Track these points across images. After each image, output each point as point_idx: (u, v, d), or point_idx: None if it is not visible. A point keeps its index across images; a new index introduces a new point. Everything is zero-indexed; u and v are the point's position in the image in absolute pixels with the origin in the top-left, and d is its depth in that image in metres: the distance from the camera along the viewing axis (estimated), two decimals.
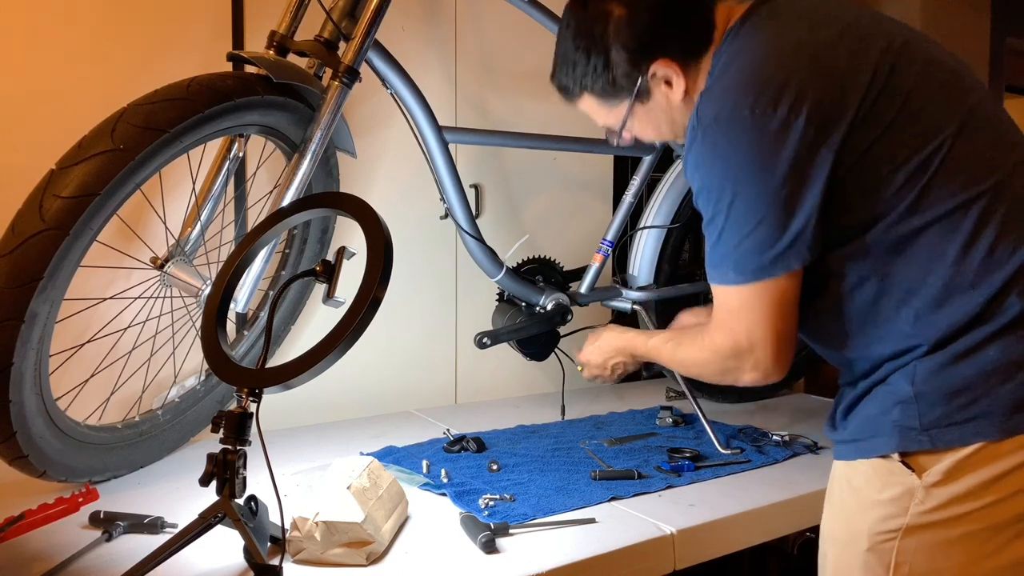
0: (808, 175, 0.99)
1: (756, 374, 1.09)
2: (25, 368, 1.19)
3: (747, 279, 1.04)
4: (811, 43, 1.04)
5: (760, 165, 1.00)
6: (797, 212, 1.00)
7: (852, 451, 1.07)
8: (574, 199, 2.32)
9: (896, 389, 1.02)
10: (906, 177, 0.99)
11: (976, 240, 0.98)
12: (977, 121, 1.03)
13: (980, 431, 0.96)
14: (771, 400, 2.24)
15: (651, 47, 1.11)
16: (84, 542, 1.19)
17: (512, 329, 1.81)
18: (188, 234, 1.49)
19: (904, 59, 1.04)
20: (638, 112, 1.19)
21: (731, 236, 1.03)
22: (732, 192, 1.02)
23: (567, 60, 1.18)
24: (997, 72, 2.92)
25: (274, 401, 1.38)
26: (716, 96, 1.04)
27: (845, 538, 1.06)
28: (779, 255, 1.01)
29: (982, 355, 0.97)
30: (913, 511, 0.99)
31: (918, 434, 0.99)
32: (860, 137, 1.00)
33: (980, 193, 0.99)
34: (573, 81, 1.18)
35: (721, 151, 1.02)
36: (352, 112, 1.84)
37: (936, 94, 1.03)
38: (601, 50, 1.13)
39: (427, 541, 1.24)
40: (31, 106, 1.54)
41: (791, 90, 0.99)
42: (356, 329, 1.11)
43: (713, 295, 1.11)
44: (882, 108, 1.00)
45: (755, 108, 1.00)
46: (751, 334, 1.06)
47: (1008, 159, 1.04)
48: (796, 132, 0.98)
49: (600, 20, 1.13)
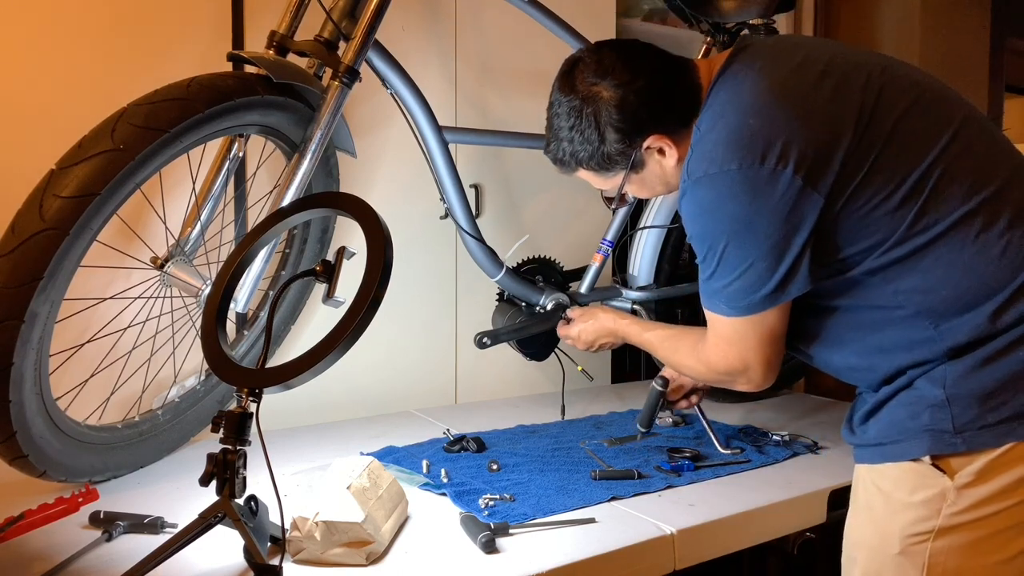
0: (797, 222, 1.02)
1: (749, 386, 1.19)
2: (25, 368, 1.19)
3: (738, 313, 1.10)
4: (794, 89, 1.06)
5: (749, 217, 1.03)
6: (785, 256, 1.03)
7: (877, 455, 1.08)
8: (574, 199, 2.32)
9: (924, 393, 1.03)
10: (902, 198, 1.01)
11: (986, 248, 1.00)
12: (969, 133, 1.05)
13: (1012, 431, 0.98)
14: (771, 400, 2.24)
15: (642, 126, 1.15)
16: (84, 542, 1.19)
17: (512, 329, 1.81)
18: (188, 234, 1.49)
19: (889, 86, 1.06)
20: (633, 179, 1.23)
21: (722, 277, 1.08)
22: (724, 242, 1.06)
23: (559, 138, 1.20)
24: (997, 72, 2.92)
25: (274, 401, 1.38)
26: (706, 153, 1.07)
27: (875, 542, 1.07)
28: (768, 295, 1.06)
29: (1012, 357, 0.99)
30: (945, 512, 1.00)
31: (951, 437, 1.00)
32: (849, 173, 1.02)
33: (982, 202, 1.01)
34: (568, 156, 1.21)
35: (711, 206, 1.06)
36: (352, 112, 1.84)
37: (925, 113, 1.05)
38: (594, 130, 1.16)
39: (427, 541, 1.24)
40: (31, 106, 1.54)
41: (778, 141, 1.01)
42: (356, 329, 1.11)
43: (707, 318, 1.16)
44: (871, 140, 1.02)
45: (743, 163, 1.02)
46: (744, 359, 1.14)
47: (1005, 166, 1.05)
48: (784, 182, 1.01)
49: (590, 102, 1.15)
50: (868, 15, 2.77)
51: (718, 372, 1.19)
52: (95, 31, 1.59)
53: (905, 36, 2.61)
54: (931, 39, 2.64)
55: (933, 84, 1.10)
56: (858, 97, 1.04)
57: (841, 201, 1.02)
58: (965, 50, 2.79)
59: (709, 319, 1.16)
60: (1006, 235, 1.00)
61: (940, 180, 1.01)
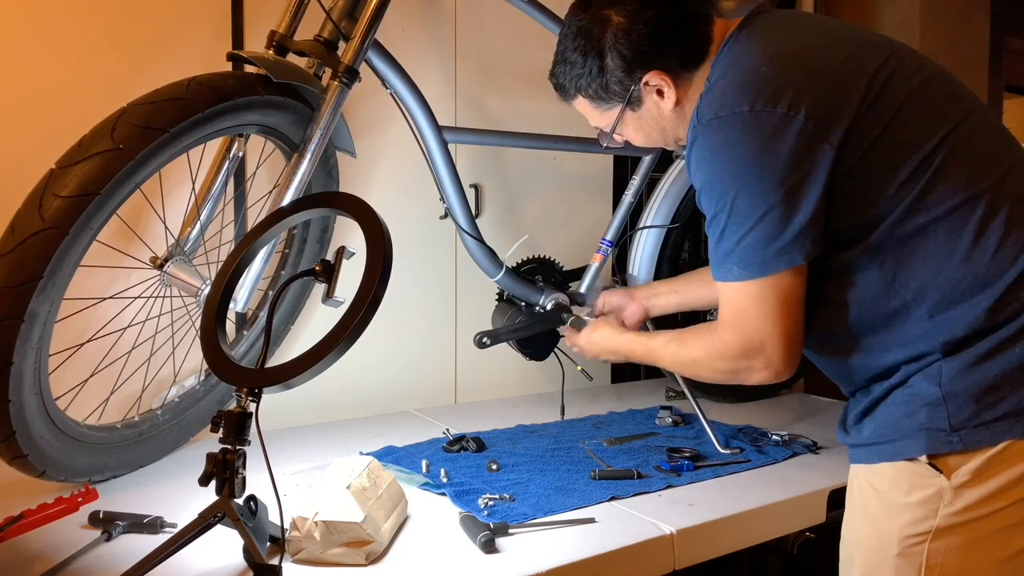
0: (809, 170, 1.00)
1: (767, 372, 1.09)
2: (25, 367, 1.19)
3: (752, 274, 1.04)
4: (809, 47, 1.07)
5: (761, 160, 1.00)
6: (800, 205, 1.00)
7: (873, 454, 1.07)
8: (574, 199, 2.32)
9: (920, 391, 1.02)
10: (908, 174, 1.00)
11: (983, 236, 0.99)
12: (974, 122, 1.05)
13: (1009, 429, 0.97)
14: (771, 400, 2.24)
15: (646, 58, 1.13)
16: (84, 542, 1.19)
17: (512, 329, 1.81)
18: (188, 234, 1.49)
19: (900, 68, 1.06)
20: (629, 118, 1.21)
21: (734, 232, 1.04)
22: (735, 188, 1.02)
23: (565, 60, 1.20)
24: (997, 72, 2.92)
25: (274, 401, 1.38)
26: (716, 96, 1.05)
27: (873, 543, 1.06)
28: (783, 248, 1.02)
29: (1009, 353, 0.98)
30: (942, 512, 0.99)
31: (948, 435, 0.99)
32: (860, 136, 1.01)
33: (983, 190, 1.00)
34: (568, 81, 1.21)
35: (722, 148, 1.03)
36: (352, 112, 1.84)
37: (933, 97, 1.05)
38: (597, 54, 1.16)
39: (427, 541, 1.24)
40: (31, 106, 1.54)
41: (790, 88, 1.00)
42: (356, 329, 1.11)
43: (719, 295, 1.11)
44: (880, 109, 1.02)
45: (754, 105, 1.01)
46: (761, 331, 1.06)
47: (1006, 158, 1.05)
48: (796, 127, 0.99)
49: (599, 24, 1.14)
50: (868, 15, 2.77)
51: (734, 354, 1.09)
52: (95, 31, 1.59)
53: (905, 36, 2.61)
54: (931, 39, 2.65)
55: (943, 71, 1.10)
56: (871, 66, 1.04)
57: (854, 159, 1.00)
58: (965, 50, 2.79)
59: (722, 294, 1.10)
60: (1003, 226, 0.99)
61: (945, 162, 1.00)
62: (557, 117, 1.95)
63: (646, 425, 1.92)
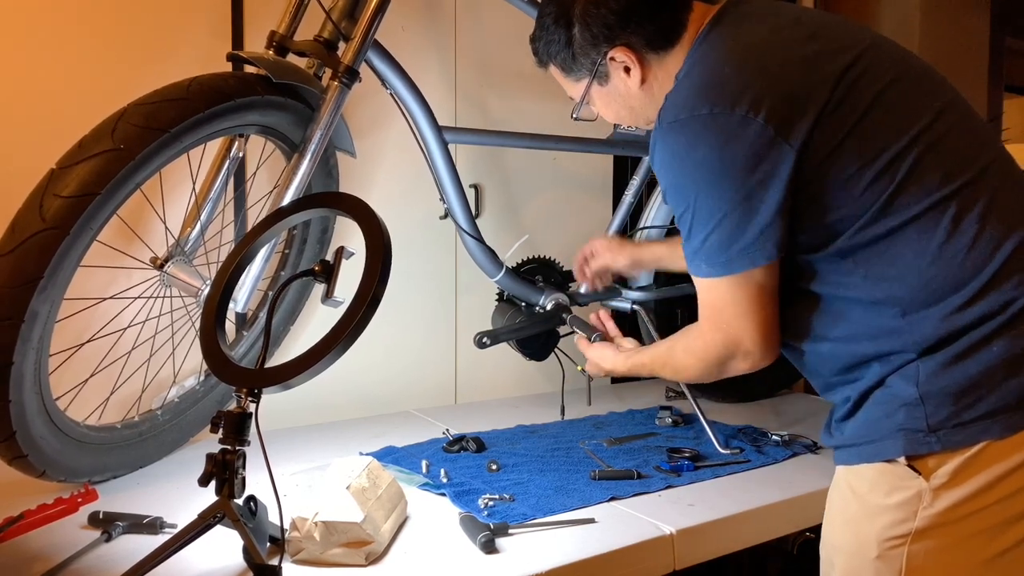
0: (770, 172, 1.00)
1: (747, 363, 1.11)
2: (25, 367, 1.19)
3: (719, 272, 1.06)
4: (780, 44, 1.06)
5: (719, 163, 1.01)
6: (760, 208, 1.01)
7: (854, 455, 1.06)
8: (574, 199, 2.32)
9: (897, 392, 1.01)
10: (875, 175, 0.99)
11: (956, 236, 0.98)
12: (949, 119, 1.04)
13: (987, 430, 0.96)
14: (771, 400, 2.24)
15: (612, 32, 1.13)
16: (83, 542, 1.20)
17: (512, 329, 1.81)
18: (188, 234, 1.49)
19: (871, 66, 1.04)
20: (597, 92, 1.22)
21: (699, 232, 1.05)
22: (695, 191, 1.04)
23: (540, 26, 1.21)
24: (997, 72, 2.92)
25: (274, 401, 1.38)
26: (679, 98, 1.06)
27: (853, 547, 1.05)
28: (744, 250, 1.02)
29: (986, 352, 0.96)
30: (921, 514, 0.98)
31: (925, 436, 0.98)
32: (824, 137, 1.00)
33: (956, 190, 0.99)
34: (542, 48, 1.22)
35: (683, 151, 1.04)
36: (352, 112, 1.84)
37: (904, 96, 1.04)
38: (565, 24, 1.16)
39: (426, 541, 1.24)
40: (31, 106, 1.54)
41: (751, 90, 1.00)
42: (355, 329, 1.11)
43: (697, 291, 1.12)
44: (847, 110, 1.01)
45: (714, 108, 1.01)
46: (736, 326, 1.08)
47: (982, 155, 1.03)
48: (755, 129, 0.99)
49: None
50: (867, 15, 2.77)
51: (716, 347, 1.11)
52: (95, 31, 1.59)
53: (905, 36, 2.62)
54: (931, 39, 2.65)
55: (919, 64, 1.09)
56: (840, 65, 1.03)
57: (818, 160, 0.99)
58: (965, 50, 2.79)
59: (698, 289, 1.11)
60: (976, 225, 0.98)
61: (919, 160, 0.99)
62: (557, 117, 1.95)
63: (646, 425, 1.92)
